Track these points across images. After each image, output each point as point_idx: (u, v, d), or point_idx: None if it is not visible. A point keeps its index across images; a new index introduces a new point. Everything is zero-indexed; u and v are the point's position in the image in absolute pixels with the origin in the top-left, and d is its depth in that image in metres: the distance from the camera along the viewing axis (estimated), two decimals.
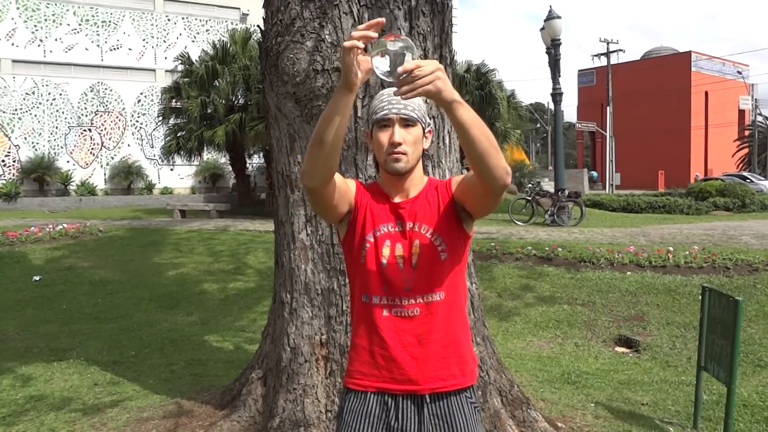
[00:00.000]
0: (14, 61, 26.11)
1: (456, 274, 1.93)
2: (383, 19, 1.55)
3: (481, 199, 1.84)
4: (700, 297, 4.07)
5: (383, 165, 1.90)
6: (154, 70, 28.83)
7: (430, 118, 1.94)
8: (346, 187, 1.92)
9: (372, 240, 1.90)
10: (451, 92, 1.59)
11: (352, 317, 1.98)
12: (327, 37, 3.26)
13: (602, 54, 45.04)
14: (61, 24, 26.92)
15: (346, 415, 1.91)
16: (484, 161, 1.66)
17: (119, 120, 28.29)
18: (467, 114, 1.62)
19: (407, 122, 1.86)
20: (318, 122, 1.70)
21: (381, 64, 1.56)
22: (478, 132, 1.63)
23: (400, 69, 1.52)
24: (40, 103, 26.62)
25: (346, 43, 1.56)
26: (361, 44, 1.55)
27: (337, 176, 1.86)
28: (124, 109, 28.32)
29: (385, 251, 1.88)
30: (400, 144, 1.84)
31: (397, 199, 1.94)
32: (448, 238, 1.90)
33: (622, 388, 4.84)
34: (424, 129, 1.91)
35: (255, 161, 26.51)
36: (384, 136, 1.86)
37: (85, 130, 27.53)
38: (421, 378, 1.86)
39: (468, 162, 1.70)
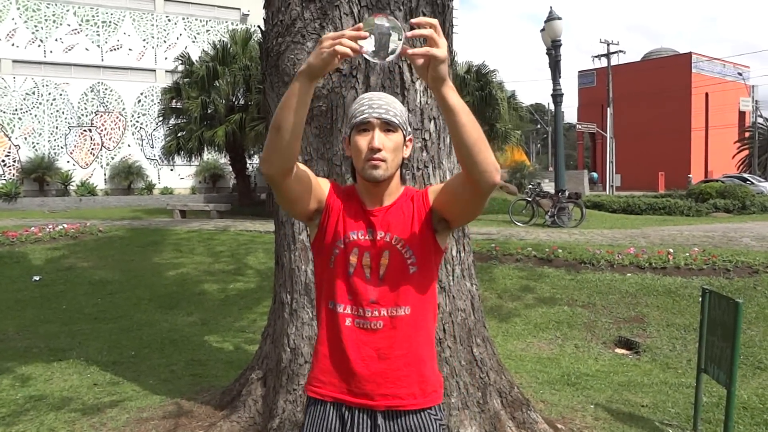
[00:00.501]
0: (14, 61, 26.13)
1: (425, 290, 1.86)
2: (361, 26, 1.53)
3: (468, 202, 1.77)
4: (700, 299, 4.06)
5: (360, 171, 1.82)
6: (154, 71, 28.87)
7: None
8: (315, 184, 1.86)
9: (342, 246, 1.83)
10: (446, 71, 1.56)
11: (317, 322, 1.92)
12: None
13: (602, 55, 45.04)
14: (61, 24, 26.94)
15: (307, 429, 1.87)
16: (474, 154, 1.62)
17: (119, 120, 28.31)
18: (458, 99, 1.59)
19: (388, 127, 1.78)
20: (277, 109, 1.67)
21: (366, 44, 1.51)
22: (467, 119, 1.60)
23: (414, 21, 1.49)
24: (40, 103, 26.64)
25: (339, 48, 1.52)
26: (352, 54, 1.53)
27: (307, 171, 1.83)
28: (124, 109, 28.34)
29: (353, 259, 1.81)
30: (379, 150, 1.75)
31: (370, 207, 1.87)
32: (419, 252, 1.83)
33: (622, 389, 4.84)
34: (405, 136, 1.84)
35: (255, 161, 26.56)
36: (363, 141, 1.77)
37: (85, 131, 27.56)
38: (377, 393, 1.79)
39: (457, 158, 1.68)
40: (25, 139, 26.36)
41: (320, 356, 1.86)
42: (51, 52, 26.76)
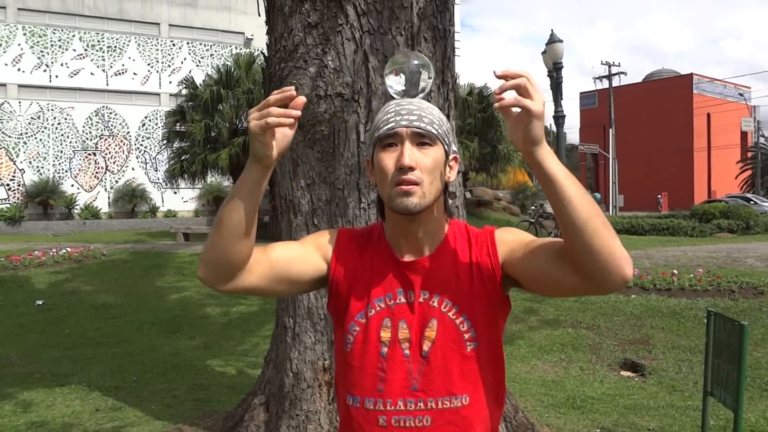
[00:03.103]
0: (20, 86, 26.39)
1: (489, 370, 1.36)
2: (293, 90, 1.22)
3: (569, 289, 1.29)
4: (705, 320, 4.04)
5: (387, 201, 1.33)
6: (158, 95, 29.11)
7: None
8: (298, 264, 1.40)
9: (363, 321, 1.36)
10: (542, 130, 1.21)
11: (339, 413, 1.46)
12: (330, 63, 3.29)
13: (604, 77, 45.27)
14: (67, 49, 27.24)
15: None
16: (586, 237, 1.17)
17: (123, 144, 28.48)
18: (559, 165, 1.22)
19: (423, 140, 1.31)
20: (224, 201, 1.32)
21: (395, 83, 1.39)
22: (574, 191, 1.19)
23: (499, 73, 1.19)
24: (45, 128, 26.84)
25: (271, 121, 1.20)
26: (289, 124, 1.23)
27: (275, 254, 1.39)
28: (128, 133, 28.54)
29: (384, 335, 1.34)
30: (411, 168, 1.28)
31: (406, 257, 1.38)
32: (481, 319, 1.34)
33: (628, 413, 4.79)
34: (447, 153, 1.36)
35: None
36: (389, 159, 1.31)
37: (89, 154, 27.72)
38: None
39: (565, 242, 1.24)
40: (30, 163, 26.51)
41: None
42: (56, 76, 27.02)
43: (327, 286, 1.44)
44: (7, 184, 26.05)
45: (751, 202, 31.10)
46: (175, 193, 28.44)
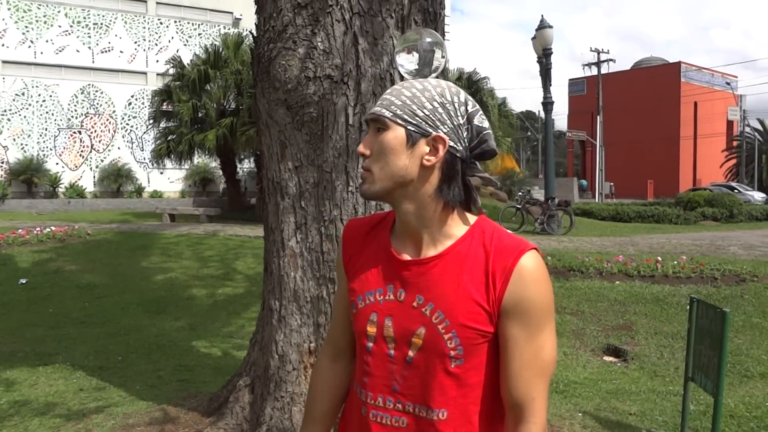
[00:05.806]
0: (4, 61, 25.98)
1: (474, 391, 1.27)
2: None
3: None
4: (687, 307, 4.08)
5: None
6: (145, 73, 28.77)
7: (449, 124, 1.27)
8: (346, 313, 1.43)
9: (353, 311, 1.35)
10: None
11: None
12: (319, 44, 3.26)
13: (593, 63, 45.34)
14: (52, 25, 26.82)
15: None
16: None
17: (109, 122, 28.18)
18: None
19: (377, 124, 1.26)
20: None
21: (407, 62, 1.35)
22: None
23: None
24: (29, 105, 26.48)
25: None
26: None
27: (344, 320, 1.45)
28: (114, 111, 28.22)
29: (371, 329, 1.31)
30: (363, 155, 1.27)
31: (406, 253, 1.31)
32: (469, 340, 1.23)
33: (610, 397, 4.85)
34: (410, 134, 1.23)
35: (246, 166, 26.47)
36: None
37: (74, 133, 27.41)
38: None
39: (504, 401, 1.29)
40: (14, 140, 26.18)
41: None
42: (41, 53, 26.62)
43: None
44: None
45: (736, 191, 31.43)
46: (162, 173, 28.23)
